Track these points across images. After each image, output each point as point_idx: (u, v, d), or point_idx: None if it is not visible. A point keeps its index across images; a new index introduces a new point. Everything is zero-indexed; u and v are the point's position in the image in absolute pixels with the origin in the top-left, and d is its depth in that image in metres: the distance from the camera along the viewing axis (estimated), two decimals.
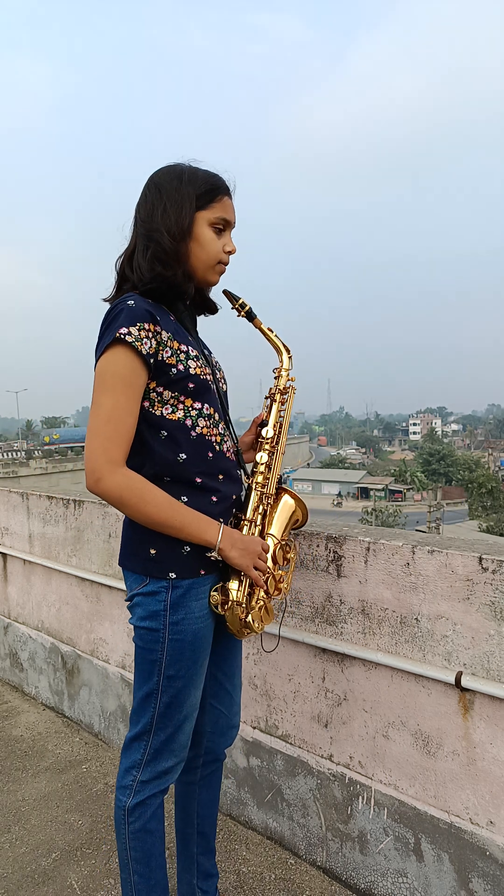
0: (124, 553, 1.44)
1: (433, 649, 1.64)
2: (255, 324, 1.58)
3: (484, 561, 1.54)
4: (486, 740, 1.56)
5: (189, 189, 1.38)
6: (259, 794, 2.11)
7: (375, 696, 1.78)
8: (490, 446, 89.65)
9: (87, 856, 2.05)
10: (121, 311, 1.31)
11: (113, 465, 1.29)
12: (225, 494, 1.44)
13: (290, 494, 1.57)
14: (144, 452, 1.38)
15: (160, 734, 1.43)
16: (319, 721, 1.93)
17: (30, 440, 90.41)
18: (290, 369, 1.63)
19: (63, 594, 2.95)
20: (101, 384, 1.31)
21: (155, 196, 1.39)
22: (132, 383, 1.30)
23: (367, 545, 1.76)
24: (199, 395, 1.39)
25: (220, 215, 1.40)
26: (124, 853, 1.45)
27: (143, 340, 1.29)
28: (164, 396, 1.36)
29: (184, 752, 1.48)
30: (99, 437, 1.29)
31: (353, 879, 1.87)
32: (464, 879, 1.63)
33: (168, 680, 1.40)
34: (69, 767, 2.56)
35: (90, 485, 1.31)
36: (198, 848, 1.67)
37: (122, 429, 1.30)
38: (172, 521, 1.32)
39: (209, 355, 1.54)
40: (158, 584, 1.38)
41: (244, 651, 2.11)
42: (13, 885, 1.94)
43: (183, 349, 1.37)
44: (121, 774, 1.47)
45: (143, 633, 1.41)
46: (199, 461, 1.40)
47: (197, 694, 1.45)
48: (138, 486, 1.30)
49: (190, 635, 1.39)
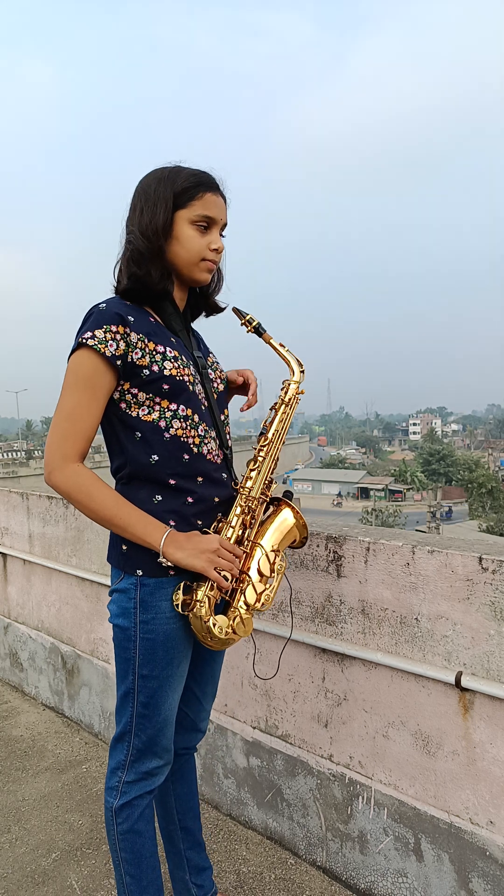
0: (108, 547, 1.46)
1: (433, 649, 1.64)
2: (265, 339, 1.54)
3: (484, 561, 1.54)
4: (486, 740, 1.56)
5: (166, 189, 1.38)
6: (259, 794, 2.11)
7: (375, 696, 1.78)
8: (490, 446, 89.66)
9: (87, 856, 2.05)
10: (90, 315, 1.35)
11: (64, 461, 1.31)
12: (202, 496, 1.42)
13: (293, 511, 1.52)
14: (122, 454, 1.39)
15: (141, 735, 1.43)
16: (319, 721, 1.93)
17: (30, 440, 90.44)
18: (301, 382, 1.57)
19: (63, 594, 2.95)
20: (65, 384, 1.34)
21: (138, 199, 1.41)
22: (94, 384, 1.32)
23: (367, 545, 1.76)
24: (174, 396, 1.38)
25: (201, 213, 1.39)
26: (115, 854, 1.46)
27: (107, 343, 1.31)
28: (139, 398, 1.36)
29: (168, 755, 1.48)
30: (56, 433, 1.32)
31: (353, 879, 1.87)
32: (464, 879, 1.63)
33: (143, 679, 1.39)
34: (69, 767, 2.56)
35: (46, 477, 1.34)
36: (184, 843, 1.66)
37: (78, 426, 1.32)
38: (116, 519, 1.32)
39: (203, 357, 1.52)
40: (129, 580, 1.38)
41: (244, 651, 2.11)
42: (13, 885, 1.94)
43: (159, 350, 1.36)
44: (108, 775, 1.48)
45: (117, 630, 1.42)
46: (174, 463, 1.38)
47: (175, 696, 1.45)
48: (86, 483, 1.32)
49: (161, 635, 1.38)
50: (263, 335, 1.53)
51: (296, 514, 1.52)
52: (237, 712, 2.15)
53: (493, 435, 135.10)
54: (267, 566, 1.44)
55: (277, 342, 1.56)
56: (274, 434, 1.51)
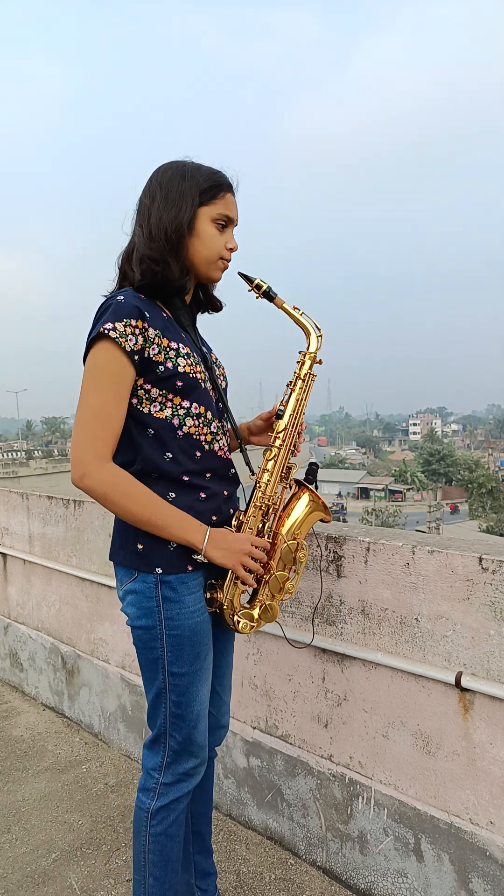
0: (115, 547, 1.44)
1: (433, 649, 1.64)
2: (277, 303, 1.46)
3: (484, 561, 1.54)
4: (486, 740, 1.56)
5: (191, 185, 1.38)
6: (259, 794, 2.11)
7: (375, 697, 1.78)
8: (490, 446, 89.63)
9: (87, 856, 2.05)
10: (109, 307, 1.32)
11: (99, 462, 1.29)
12: (214, 492, 1.43)
13: (309, 492, 1.50)
14: (134, 449, 1.38)
15: (176, 735, 1.42)
16: (319, 721, 1.93)
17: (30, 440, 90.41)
18: (320, 349, 1.49)
19: (63, 594, 2.95)
20: (89, 380, 1.32)
21: (156, 192, 1.39)
22: (119, 379, 1.31)
23: (367, 545, 1.76)
24: (187, 393, 1.37)
25: (223, 212, 1.40)
26: (141, 855, 1.45)
27: (128, 337, 1.29)
28: (152, 394, 1.35)
29: (203, 753, 1.48)
30: (86, 432, 1.29)
31: (353, 879, 1.87)
32: (464, 879, 1.63)
33: (173, 677, 1.39)
34: (69, 767, 2.56)
35: (75, 479, 1.30)
36: (194, 847, 1.67)
37: (109, 424, 1.30)
38: (155, 519, 1.31)
39: (207, 353, 1.53)
40: (147, 578, 1.37)
41: (244, 651, 2.11)
42: (13, 885, 1.94)
43: (173, 346, 1.36)
44: (143, 777, 1.47)
45: (140, 633, 1.40)
46: (187, 460, 1.39)
47: (205, 691, 1.45)
48: (123, 483, 1.30)
49: (188, 630, 1.38)
50: (275, 300, 1.46)
51: (314, 498, 1.50)
52: (237, 712, 2.15)
53: (493, 435, 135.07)
54: (290, 555, 1.46)
55: (291, 306, 1.48)
56: (290, 418, 1.48)
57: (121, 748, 2.66)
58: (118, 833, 2.15)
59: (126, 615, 1.43)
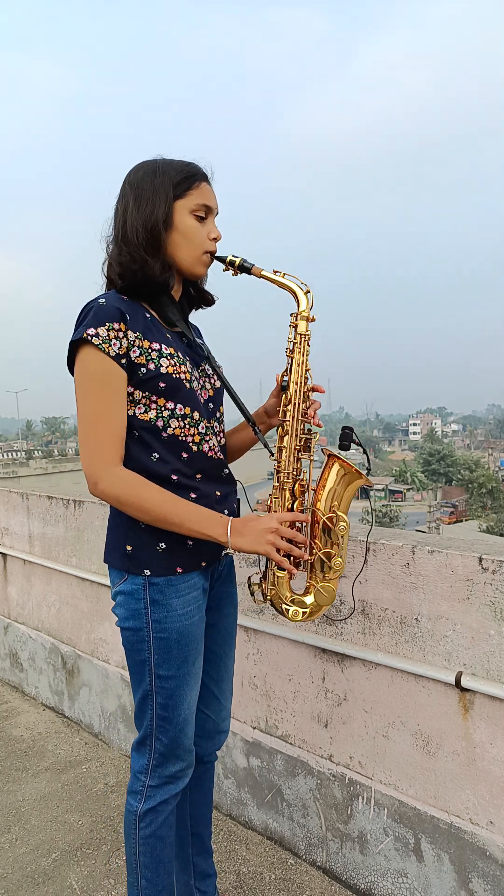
0: (107, 548, 1.44)
1: (433, 649, 1.64)
2: (255, 273, 1.40)
3: (484, 561, 1.54)
4: (486, 740, 1.56)
5: (163, 180, 1.36)
6: (259, 794, 2.11)
7: (375, 696, 1.78)
8: (490, 446, 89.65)
9: (87, 856, 2.05)
10: (91, 309, 1.31)
11: (108, 467, 1.29)
12: (205, 493, 1.40)
13: (338, 461, 1.40)
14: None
15: (162, 738, 1.42)
16: (319, 721, 1.93)
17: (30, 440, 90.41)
18: (312, 306, 1.43)
19: (63, 594, 2.95)
20: (79, 389, 1.31)
21: (128, 194, 1.38)
22: (111, 384, 1.30)
23: (367, 545, 1.76)
24: (171, 394, 1.35)
25: (200, 202, 1.38)
26: (133, 858, 1.45)
27: (111, 342, 1.28)
28: (136, 396, 1.34)
29: (190, 756, 1.47)
30: (90, 441, 1.29)
31: (353, 880, 1.87)
32: (464, 879, 1.63)
33: (160, 680, 1.38)
34: (69, 767, 2.56)
35: (91, 489, 1.32)
36: (193, 849, 1.66)
37: (109, 430, 1.30)
38: (171, 516, 1.30)
39: (200, 350, 1.49)
40: (136, 580, 1.36)
41: (244, 651, 2.11)
42: (13, 885, 1.94)
43: (154, 347, 1.34)
44: (131, 779, 1.47)
45: (128, 633, 1.40)
46: (174, 460, 1.37)
47: (193, 695, 1.44)
48: (135, 485, 1.30)
49: (175, 633, 1.37)
50: (252, 270, 1.40)
51: (342, 465, 1.40)
52: (237, 712, 2.15)
53: (493, 435, 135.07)
54: (329, 529, 1.38)
55: (271, 271, 1.41)
56: (294, 386, 1.42)
57: (121, 748, 2.66)
58: (118, 833, 2.15)
59: (116, 616, 1.43)
